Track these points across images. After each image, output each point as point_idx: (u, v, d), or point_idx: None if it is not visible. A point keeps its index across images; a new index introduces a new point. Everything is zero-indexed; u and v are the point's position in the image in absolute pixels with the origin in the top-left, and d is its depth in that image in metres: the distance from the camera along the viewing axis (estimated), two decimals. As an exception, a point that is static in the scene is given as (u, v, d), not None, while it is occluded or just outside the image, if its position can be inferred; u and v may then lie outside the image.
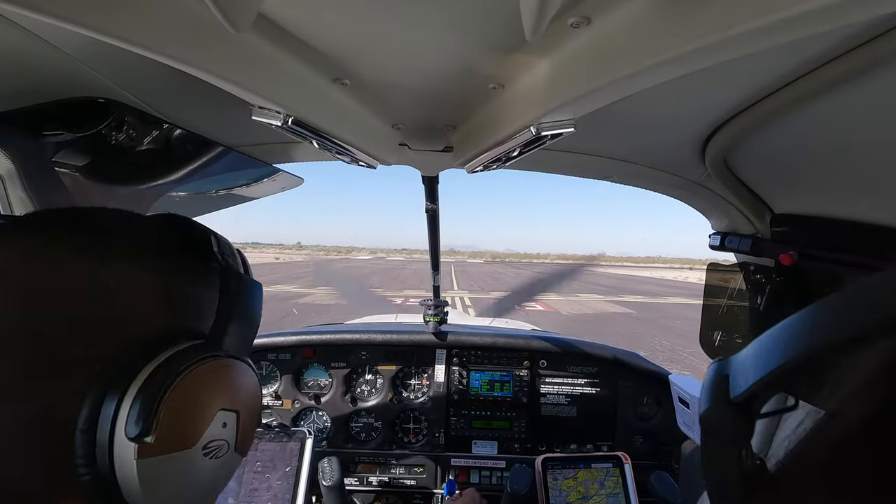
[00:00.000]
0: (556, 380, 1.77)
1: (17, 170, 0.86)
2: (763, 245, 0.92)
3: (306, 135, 0.70)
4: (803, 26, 0.32)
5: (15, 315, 0.33)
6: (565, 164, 1.06)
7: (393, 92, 0.73)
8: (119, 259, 0.39)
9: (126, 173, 0.96)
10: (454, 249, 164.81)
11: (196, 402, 0.39)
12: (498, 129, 0.73)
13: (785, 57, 0.51)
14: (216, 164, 1.02)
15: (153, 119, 0.76)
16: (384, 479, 1.71)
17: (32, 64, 0.59)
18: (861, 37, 0.44)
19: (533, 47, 0.56)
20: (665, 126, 0.79)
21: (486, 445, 1.76)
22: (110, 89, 0.67)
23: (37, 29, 0.51)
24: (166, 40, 0.46)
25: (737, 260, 1.08)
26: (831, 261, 0.72)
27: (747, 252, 0.93)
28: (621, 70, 0.47)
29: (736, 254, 1.03)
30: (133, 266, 0.39)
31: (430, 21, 0.51)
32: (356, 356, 1.78)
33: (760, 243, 0.93)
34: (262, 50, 0.57)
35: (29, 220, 0.40)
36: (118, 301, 0.37)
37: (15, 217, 0.41)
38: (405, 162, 1.04)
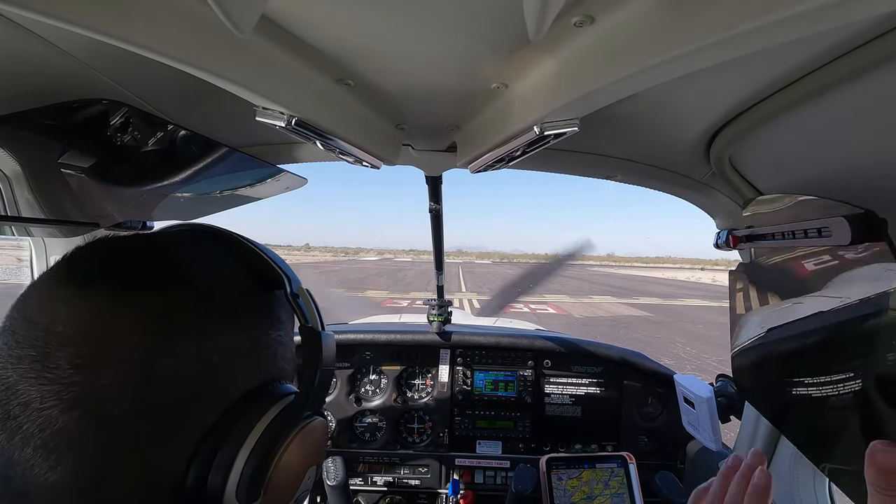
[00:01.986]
0: (560, 380, 1.77)
1: (24, 172, 0.86)
2: None
3: (310, 135, 0.70)
4: (809, 24, 0.32)
5: (133, 391, 0.35)
6: (569, 163, 1.06)
7: (396, 92, 0.73)
8: (218, 331, 0.40)
9: (132, 175, 0.97)
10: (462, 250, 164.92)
11: (297, 464, 0.42)
12: (501, 128, 0.73)
13: (790, 54, 0.51)
14: (221, 164, 1.02)
15: (158, 120, 0.77)
16: (388, 479, 1.71)
17: (37, 66, 0.59)
18: (867, 34, 0.43)
19: (536, 47, 0.55)
20: (669, 125, 0.79)
21: (490, 445, 1.76)
22: (115, 91, 0.68)
23: (42, 31, 0.52)
24: (170, 42, 0.46)
25: (741, 257, 1.07)
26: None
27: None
28: (625, 69, 0.46)
29: (741, 252, 1.03)
30: (229, 332, 0.41)
31: (434, 21, 0.51)
32: (360, 356, 1.78)
33: None
34: (266, 51, 0.57)
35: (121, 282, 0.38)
36: (220, 369, 0.39)
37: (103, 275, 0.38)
38: (409, 162, 1.04)
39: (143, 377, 0.35)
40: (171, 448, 0.37)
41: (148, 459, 0.36)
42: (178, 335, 0.37)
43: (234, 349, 0.40)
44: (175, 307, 0.38)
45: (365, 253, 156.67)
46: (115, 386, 0.34)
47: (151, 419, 0.35)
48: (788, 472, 1.04)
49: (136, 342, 0.35)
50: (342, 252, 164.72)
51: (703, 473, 1.38)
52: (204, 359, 0.38)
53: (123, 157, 0.86)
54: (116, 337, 0.35)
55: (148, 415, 0.35)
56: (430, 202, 1.28)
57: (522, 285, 4.53)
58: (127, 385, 0.34)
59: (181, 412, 0.37)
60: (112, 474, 0.34)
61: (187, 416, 0.37)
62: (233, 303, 0.42)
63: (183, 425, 0.37)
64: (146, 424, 0.35)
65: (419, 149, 0.98)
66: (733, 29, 0.35)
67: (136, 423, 0.35)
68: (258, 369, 0.43)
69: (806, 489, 1.01)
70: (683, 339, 11.35)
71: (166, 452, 0.36)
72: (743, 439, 1.19)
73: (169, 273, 0.41)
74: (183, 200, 1.21)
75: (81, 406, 0.33)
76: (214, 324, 0.40)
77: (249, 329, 0.43)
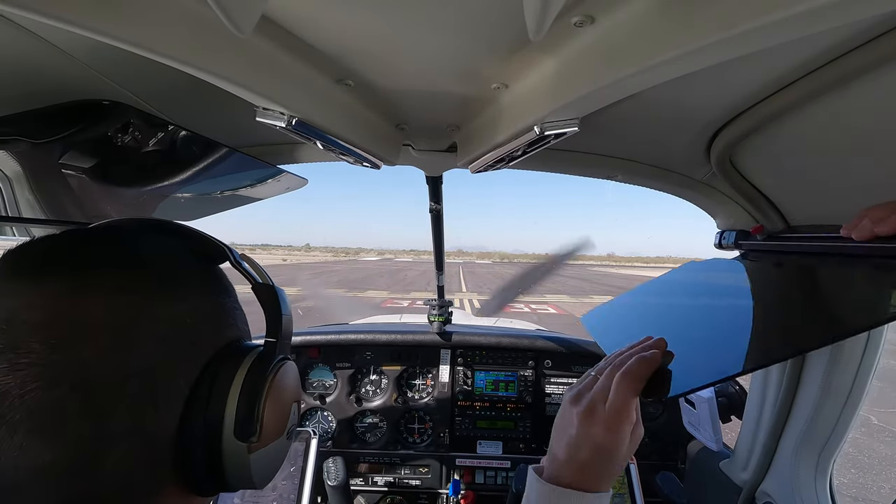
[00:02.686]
0: (561, 380, 1.77)
1: (25, 173, 0.86)
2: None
3: (310, 135, 0.70)
4: (809, 24, 0.32)
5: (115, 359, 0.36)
6: (569, 163, 1.06)
7: (396, 92, 0.73)
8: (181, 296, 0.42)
9: (133, 176, 0.97)
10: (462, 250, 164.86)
11: (283, 401, 0.47)
12: (502, 128, 0.73)
13: (790, 54, 0.51)
14: (221, 165, 1.02)
15: (158, 121, 0.77)
16: (389, 480, 1.71)
17: (38, 66, 0.59)
18: (867, 34, 0.43)
19: (536, 47, 0.55)
20: (669, 125, 0.78)
21: (490, 445, 1.76)
22: (116, 92, 0.68)
23: (42, 32, 0.52)
24: (171, 42, 0.46)
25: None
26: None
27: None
28: (625, 69, 0.46)
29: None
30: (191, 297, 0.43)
31: (434, 21, 0.51)
32: (361, 356, 1.78)
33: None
34: (266, 51, 0.57)
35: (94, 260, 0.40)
36: (191, 330, 0.42)
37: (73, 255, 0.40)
38: (409, 162, 1.04)
39: (122, 344, 0.37)
40: (163, 408, 0.39)
41: (143, 422, 0.37)
42: (146, 302, 0.39)
43: (198, 312, 0.43)
44: (134, 280, 0.40)
45: (365, 253, 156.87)
46: (96, 357, 0.35)
47: (139, 383, 0.37)
48: (789, 471, 1.04)
49: (108, 313, 0.37)
50: (342, 252, 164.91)
51: (704, 473, 1.38)
52: (176, 321, 0.40)
53: (124, 158, 0.86)
54: (86, 313, 0.36)
55: (134, 379, 0.37)
56: (430, 202, 1.28)
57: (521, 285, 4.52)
58: (108, 354, 0.36)
59: (165, 373, 0.39)
60: (110, 443, 0.35)
61: (172, 376, 0.39)
62: (187, 274, 0.45)
63: (169, 385, 0.39)
64: (135, 388, 0.37)
65: (419, 149, 0.99)
66: (733, 29, 0.35)
67: (124, 388, 0.36)
68: (224, 329, 0.46)
69: (807, 488, 1.01)
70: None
71: (160, 412, 0.38)
72: (744, 439, 1.19)
73: (118, 254, 0.42)
74: (184, 201, 1.21)
75: (67, 380, 0.34)
76: (177, 290, 0.42)
77: (208, 295, 0.45)
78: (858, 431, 5.23)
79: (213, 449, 0.41)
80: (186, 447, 0.40)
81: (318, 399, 1.75)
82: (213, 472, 0.42)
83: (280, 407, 0.46)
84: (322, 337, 1.77)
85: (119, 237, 0.45)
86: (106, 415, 0.35)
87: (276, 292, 0.48)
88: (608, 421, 0.58)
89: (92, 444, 0.35)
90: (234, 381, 0.42)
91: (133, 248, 0.43)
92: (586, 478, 0.58)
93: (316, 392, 1.76)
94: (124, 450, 0.36)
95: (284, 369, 0.47)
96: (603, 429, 0.57)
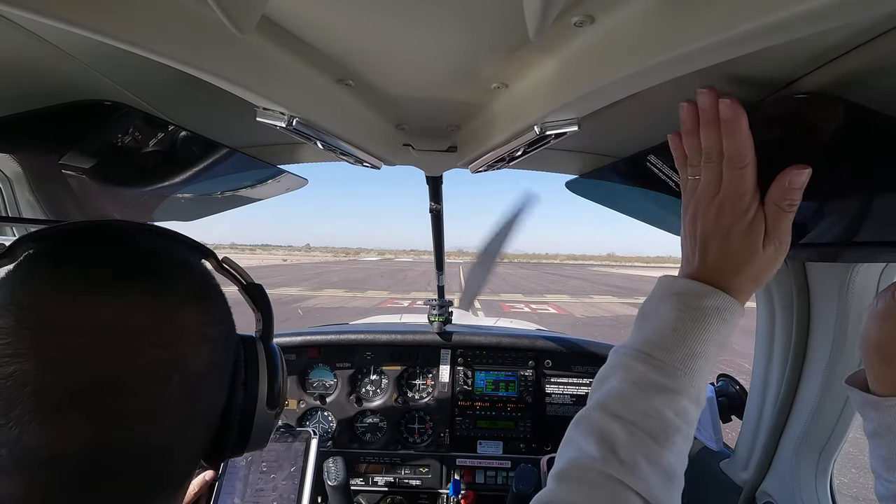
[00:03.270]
0: (561, 380, 1.77)
1: (25, 173, 0.87)
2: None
3: (311, 135, 0.70)
4: (809, 24, 0.32)
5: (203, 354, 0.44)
6: (569, 163, 1.06)
7: (397, 92, 0.73)
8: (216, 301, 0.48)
9: (132, 176, 0.97)
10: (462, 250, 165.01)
11: (285, 376, 0.58)
12: (502, 128, 0.73)
13: (791, 53, 0.51)
14: (221, 165, 1.02)
15: (158, 122, 0.77)
16: (389, 480, 1.71)
17: (38, 67, 0.59)
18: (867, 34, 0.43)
19: (536, 46, 0.55)
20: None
21: (491, 445, 1.76)
22: (116, 92, 0.68)
23: (42, 32, 0.52)
24: (171, 42, 0.46)
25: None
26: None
27: None
28: (625, 69, 0.46)
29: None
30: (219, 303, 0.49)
31: (434, 21, 0.51)
32: (361, 356, 1.78)
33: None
34: (267, 51, 0.57)
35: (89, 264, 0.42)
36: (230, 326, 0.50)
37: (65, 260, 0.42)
38: (409, 162, 1.04)
39: (206, 342, 0.44)
40: (225, 389, 0.49)
41: (215, 405, 0.47)
42: (207, 306, 0.46)
43: (225, 313, 0.50)
44: (195, 286, 0.46)
45: (366, 253, 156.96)
46: (193, 354, 0.43)
47: (216, 372, 0.46)
48: (790, 471, 1.04)
49: (192, 317, 0.43)
50: (343, 252, 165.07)
51: (704, 473, 1.38)
52: (222, 321, 0.48)
53: (125, 158, 0.86)
54: (178, 318, 0.42)
55: (215, 369, 0.46)
56: (430, 202, 1.28)
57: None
58: (200, 351, 0.44)
59: (225, 362, 0.48)
60: (198, 420, 0.45)
61: (227, 364, 0.49)
62: (207, 279, 0.50)
63: (226, 372, 0.49)
64: (215, 377, 0.46)
65: (419, 149, 0.99)
66: (733, 29, 0.35)
67: (209, 378, 0.45)
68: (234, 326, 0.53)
69: (807, 488, 1.01)
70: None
71: (221, 394, 0.48)
72: (744, 439, 1.19)
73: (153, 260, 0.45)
74: (184, 202, 1.21)
75: (178, 374, 0.41)
76: (218, 294, 0.49)
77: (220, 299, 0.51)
78: (859, 431, 5.20)
79: (248, 417, 0.51)
80: (229, 418, 0.49)
81: (319, 399, 1.75)
82: (242, 436, 0.51)
83: (285, 382, 0.58)
84: (322, 337, 1.77)
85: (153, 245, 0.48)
86: (199, 399, 0.44)
87: (263, 290, 0.58)
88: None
89: (191, 422, 0.44)
90: (259, 364, 0.53)
91: (186, 259, 0.48)
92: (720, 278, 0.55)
93: (316, 392, 1.76)
94: (199, 428, 0.46)
95: (280, 355, 0.58)
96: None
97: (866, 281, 0.84)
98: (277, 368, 0.55)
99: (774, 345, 1.07)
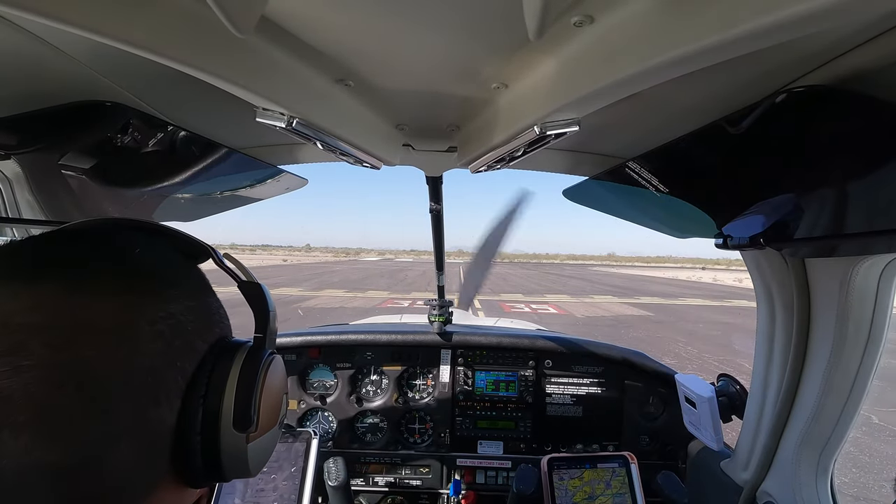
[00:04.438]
0: (561, 379, 1.77)
1: (26, 174, 0.87)
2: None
3: (310, 136, 0.70)
4: (808, 24, 0.32)
5: (117, 358, 0.37)
6: (569, 163, 1.06)
7: (396, 92, 0.73)
8: (174, 295, 0.43)
9: (133, 177, 0.97)
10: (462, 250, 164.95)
11: (275, 392, 0.49)
12: (502, 128, 0.73)
13: (790, 53, 0.51)
14: (221, 166, 1.02)
15: (159, 122, 0.77)
16: (390, 480, 1.71)
17: (40, 69, 0.59)
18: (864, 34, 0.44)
19: (536, 47, 0.55)
20: (670, 125, 0.78)
21: (491, 445, 1.76)
22: (116, 93, 0.68)
23: (43, 33, 0.52)
24: (171, 43, 0.46)
25: (742, 257, 1.07)
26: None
27: (749, 246, 0.92)
28: (624, 69, 0.46)
29: (741, 251, 1.03)
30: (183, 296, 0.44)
31: (434, 21, 0.51)
32: (361, 357, 1.78)
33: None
34: (266, 52, 0.57)
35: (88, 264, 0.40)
36: (186, 327, 0.43)
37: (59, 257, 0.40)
38: (409, 162, 1.04)
39: (123, 343, 0.37)
40: (164, 404, 0.39)
41: (146, 420, 0.38)
42: (142, 302, 0.40)
43: (191, 310, 0.44)
44: (130, 280, 0.41)
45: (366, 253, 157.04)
46: (100, 357, 0.36)
47: (141, 381, 0.38)
48: (790, 470, 1.04)
49: (108, 314, 0.37)
50: (343, 253, 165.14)
51: (705, 473, 1.38)
52: (171, 319, 0.41)
53: (125, 159, 0.86)
54: (86, 313, 0.36)
55: (137, 377, 0.37)
56: (430, 202, 1.28)
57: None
58: (110, 353, 0.36)
59: (165, 370, 0.40)
60: (114, 440, 0.36)
61: (171, 373, 0.40)
62: (176, 273, 0.45)
63: (169, 382, 0.40)
64: (138, 386, 0.37)
65: (419, 149, 0.99)
66: (733, 29, 0.35)
67: (128, 386, 0.37)
68: (213, 327, 0.46)
69: (808, 488, 1.01)
70: (685, 339, 11.20)
71: (161, 408, 0.39)
72: (744, 439, 1.19)
73: (110, 254, 0.42)
74: (185, 202, 1.21)
75: (73, 380, 0.34)
76: (169, 289, 0.43)
77: (196, 294, 0.46)
78: (859, 431, 5.23)
79: (212, 440, 0.43)
80: (185, 439, 0.41)
81: (319, 399, 1.75)
82: (211, 462, 0.43)
83: (273, 398, 0.49)
84: (322, 337, 1.77)
85: (108, 237, 0.45)
86: (110, 413, 0.35)
87: (262, 289, 0.51)
88: None
89: (97, 442, 0.35)
90: (230, 375, 0.44)
91: (124, 248, 0.44)
92: None
93: (316, 392, 1.76)
94: (127, 446, 0.37)
95: (275, 363, 0.50)
96: None
97: (866, 281, 0.84)
98: (254, 382, 0.46)
99: (775, 345, 1.07)
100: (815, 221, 0.72)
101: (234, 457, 0.44)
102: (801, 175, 0.70)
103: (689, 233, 1.20)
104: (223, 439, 0.43)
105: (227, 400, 0.44)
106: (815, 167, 0.58)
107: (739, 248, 0.96)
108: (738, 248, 0.95)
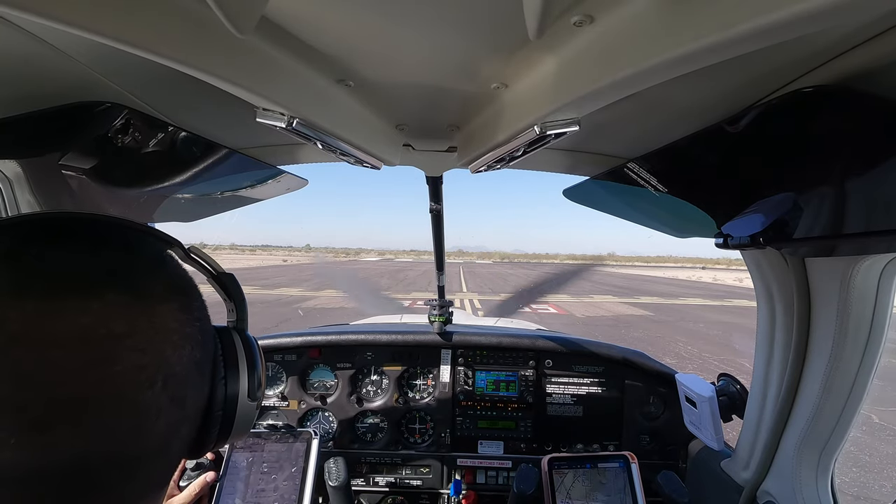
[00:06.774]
0: (561, 379, 1.77)
1: (26, 174, 0.87)
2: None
3: (311, 136, 0.70)
4: (808, 24, 0.32)
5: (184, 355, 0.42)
6: (569, 163, 1.06)
7: (396, 93, 0.73)
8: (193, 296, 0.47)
9: (132, 177, 0.97)
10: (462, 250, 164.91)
11: (262, 367, 0.57)
12: (502, 128, 0.73)
13: (790, 53, 0.51)
14: (222, 166, 1.02)
15: (159, 123, 0.77)
16: (391, 480, 1.71)
17: (41, 69, 0.59)
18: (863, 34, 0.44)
19: (536, 47, 0.56)
20: (670, 124, 0.79)
21: (491, 445, 1.76)
22: (117, 93, 0.68)
23: (43, 34, 0.52)
24: (171, 44, 0.46)
25: (743, 257, 1.07)
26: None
27: (749, 245, 0.92)
28: (624, 69, 0.46)
29: (741, 251, 1.03)
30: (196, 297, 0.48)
31: (434, 21, 0.51)
32: (361, 357, 1.78)
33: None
34: (266, 52, 0.57)
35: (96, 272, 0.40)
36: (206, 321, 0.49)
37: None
38: (409, 163, 1.04)
39: (186, 339, 0.43)
40: (204, 388, 0.48)
41: (196, 405, 0.46)
42: (189, 301, 0.45)
43: (202, 308, 0.48)
44: (170, 285, 0.44)
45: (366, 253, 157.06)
46: (175, 354, 0.41)
47: (199, 370, 0.45)
48: (791, 470, 1.04)
49: (170, 315, 0.42)
50: (343, 253, 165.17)
51: (706, 473, 1.38)
52: (201, 317, 0.47)
53: (126, 159, 0.86)
54: (156, 320, 0.40)
55: (197, 367, 0.45)
56: (430, 202, 1.28)
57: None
58: (181, 350, 0.42)
59: (205, 358, 0.47)
60: (181, 426, 0.43)
61: (207, 360, 0.48)
62: (183, 274, 0.48)
63: (205, 368, 0.48)
64: (198, 375, 0.45)
65: (419, 149, 0.99)
66: (733, 29, 0.35)
67: (192, 376, 0.44)
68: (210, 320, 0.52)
69: (808, 487, 1.01)
70: (685, 339, 11.18)
71: (201, 393, 0.47)
72: (745, 438, 1.19)
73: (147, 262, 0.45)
74: (185, 203, 1.22)
75: (160, 377, 0.39)
76: (194, 290, 0.48)
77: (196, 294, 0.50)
78: (859, 430, 5.23)
79: (231, 411, 0.51)
80: (212, 413, 0.49)
81: (319, 399, 1.75)
82: (224, 429, 0.51)
83: (263, 373, 0.58)
84: (323, 337, 1.77)
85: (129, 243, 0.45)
86: (184, 403, 0.43)
87: (235, 278, 0.58)
88: None
89: (171, 428, 0.42)
90: (238, 357, 0.53)
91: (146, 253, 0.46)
92: None
93: (317, 392, 1.76)
94: (186, 430, 0.45)
95: (257, 341, 0.58)
96: None
97: (867, 280, 0.84)
98: (256, 359, 0.55)
99: (775, 344, 1.07)
100: (815, 221, 0.72)
101: (246, 421, 0.53)
102: (801, 175, 0.70)
103: (689, 232, 1.20)
104: (240, 409, 0.52)
105: (241, 378, 0.52)
106: (815, 167, 0.58)
107: (740, 248, 0.96)
108: (739, 247, 0.95)
